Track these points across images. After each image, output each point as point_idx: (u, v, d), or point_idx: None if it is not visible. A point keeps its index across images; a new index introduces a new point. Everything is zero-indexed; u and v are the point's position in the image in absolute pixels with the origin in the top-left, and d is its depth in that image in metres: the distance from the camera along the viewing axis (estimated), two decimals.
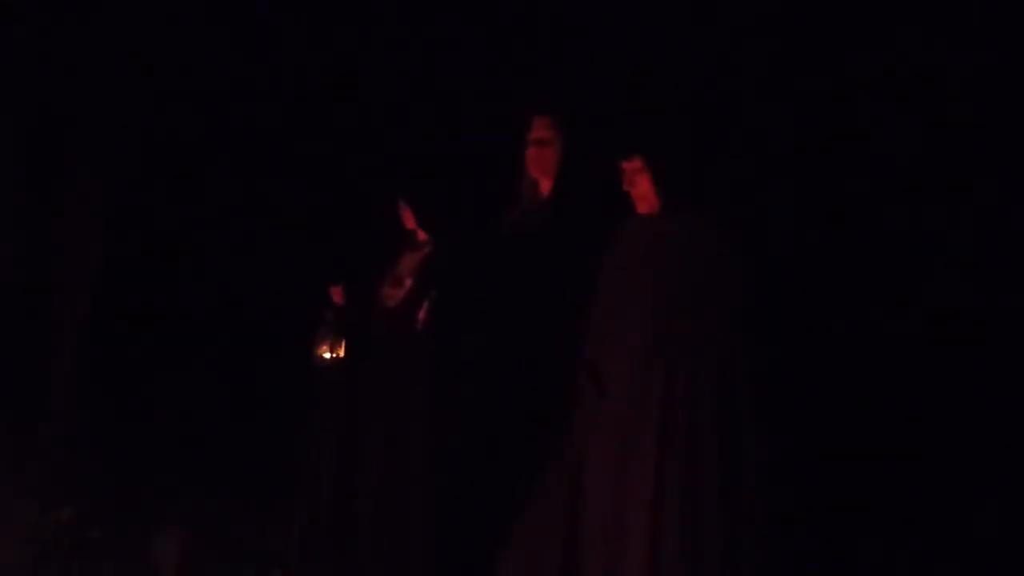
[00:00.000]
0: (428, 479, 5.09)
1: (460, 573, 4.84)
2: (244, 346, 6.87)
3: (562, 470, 4.43)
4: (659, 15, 5.57)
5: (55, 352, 7.02)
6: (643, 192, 4.43)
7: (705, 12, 5.50)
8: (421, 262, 5.35)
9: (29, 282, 6.97)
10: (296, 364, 5.83)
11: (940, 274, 5.16)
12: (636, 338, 4.30)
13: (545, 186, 4.99)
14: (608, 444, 4.30)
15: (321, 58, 6.75)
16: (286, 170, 6.91)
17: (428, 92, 6.43)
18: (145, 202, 6.95)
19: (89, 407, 6.82)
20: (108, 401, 6.80)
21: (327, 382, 5.61)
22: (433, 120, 6.32)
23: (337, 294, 5.67)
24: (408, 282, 5.34)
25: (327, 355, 5.57)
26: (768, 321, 4.38)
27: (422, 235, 5.41)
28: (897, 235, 5.20)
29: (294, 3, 6.75)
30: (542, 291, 4.80)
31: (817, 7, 5.34)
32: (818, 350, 5.12)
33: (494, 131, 5.25)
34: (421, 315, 5.23)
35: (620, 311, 4.37)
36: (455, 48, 6.31)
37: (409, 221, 5.44)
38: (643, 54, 5.54)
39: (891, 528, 4.99)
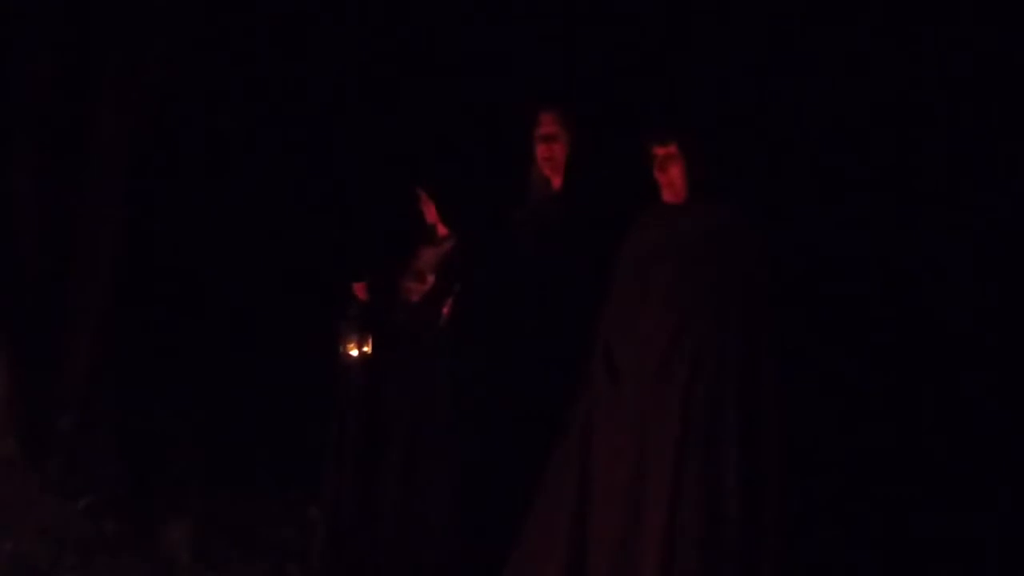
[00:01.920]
0: (450, 475, 5.06)
1: (481, 570, 4.80)
2: (263, 339, 6.87)
3: (569, 464, 4.40)
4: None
5: (73, 346, 7.02)
6: (672, 179, 4.39)
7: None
8: (443, 257, 5.33)
9: (48, 278, 6.97)
10: (317, 358, 5.81)
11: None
12: (658, 328, 4.25)
13: (555, 181, 4.99)
14: (623, 438, 4.25)
15: (343, 54, 6.75)
16: (308, 164, 6.92)
17: (448, 86, 6.44)
18: (165, 195, 6.96)
19: (106, 400, 6.82)
20: (126, 394, 6.80)
21: (354, 378, 5.55)
22: (455, 114, 6.33)
23: (360, 290, 5.62)
24: (430, 278, 5.32)
25: (354, 352, 5.51)
26: (793, 316, 4.34)
27: (443, 230, 5.38)
28: (926, 235, 5.18)
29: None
30: (554, 286, 4.80)
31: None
32: (845, 346, 5.10)
33: (517, 124, 5.22)
34: (444, 310, 5.21)
35: (641, 300, 4.32)
36: (478, 42, 6.31)
37: (430, 215, 5.41)
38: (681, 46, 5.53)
39: (912, 527, 4.96)
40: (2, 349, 6.67)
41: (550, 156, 4.96)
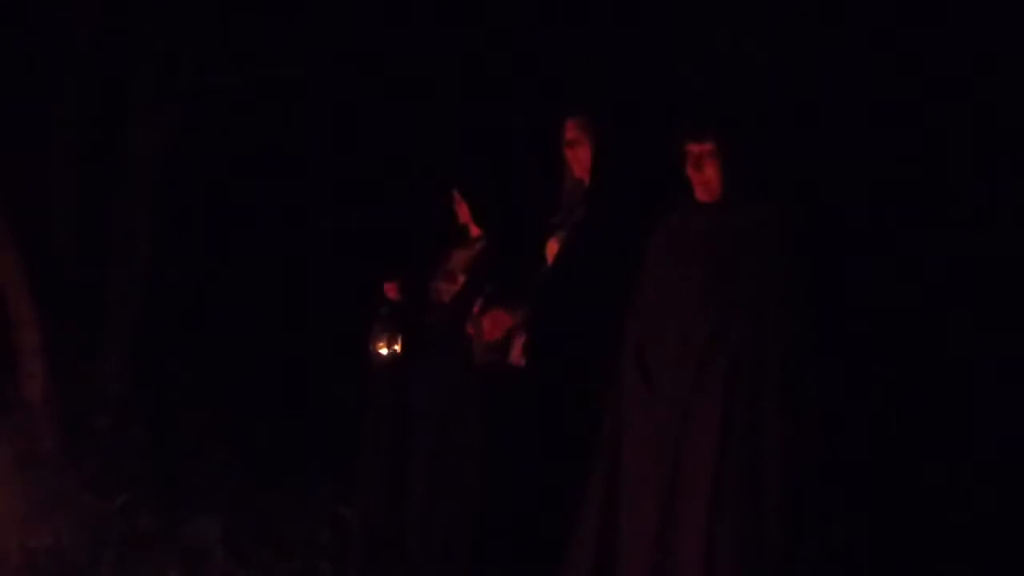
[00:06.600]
0: (479, 479, 5.05)
1: (508, 570, 4.83)
2: (296, 339, 6.91)
3: (598, 463, 4.33)
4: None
5: (109, 349, 7.11)
6: (707, 178, 4.20)
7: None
8: (474, 258, 5.35)
9: (84, 282, 7.05)
10: (350, 358, 5.84)
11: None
12: (694, 327, 4.14)
13: (586, 184, 5.01)
14: (658, 436, 4.17)
15: (377, 55, 6.79)
16: (341, 164, 6.97)
17: (483, 88, 6.48)
18: (197, 201, 7.02)
19: (141, 400, 6.89)
20: (160, 394, 6.87)
21: (384, 378, 5.57)
22: (489, 115, 6.36)
23: (391, 290, 5.63)
24: (461, 278, 5.35)
25: (384, 351, 5.52)
26: (833, 322, 4.28)
27: (475, 230, 5.41)
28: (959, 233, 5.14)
29: None
30: (584, 287, 4.81)
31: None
32: (877, 349, 5.07)
33: (551, 126, 5.25)
34: (475, 311, 5.23)
35: (675, 300, 4.22)
36: (510, 43, 6.35)
37: (463, 215, 5.43)
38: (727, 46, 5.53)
39: (957, 532, 4.90)
40: (41, 352, 6.77)
41: (576, 160, 4.99)
